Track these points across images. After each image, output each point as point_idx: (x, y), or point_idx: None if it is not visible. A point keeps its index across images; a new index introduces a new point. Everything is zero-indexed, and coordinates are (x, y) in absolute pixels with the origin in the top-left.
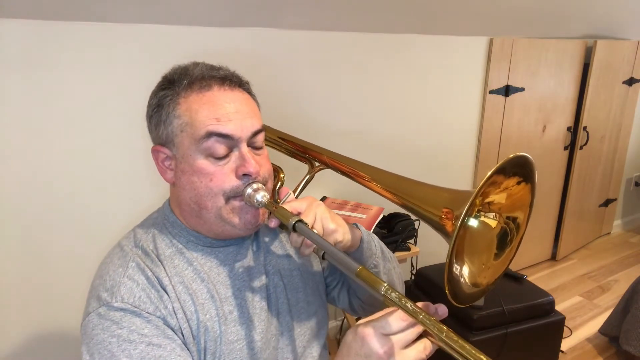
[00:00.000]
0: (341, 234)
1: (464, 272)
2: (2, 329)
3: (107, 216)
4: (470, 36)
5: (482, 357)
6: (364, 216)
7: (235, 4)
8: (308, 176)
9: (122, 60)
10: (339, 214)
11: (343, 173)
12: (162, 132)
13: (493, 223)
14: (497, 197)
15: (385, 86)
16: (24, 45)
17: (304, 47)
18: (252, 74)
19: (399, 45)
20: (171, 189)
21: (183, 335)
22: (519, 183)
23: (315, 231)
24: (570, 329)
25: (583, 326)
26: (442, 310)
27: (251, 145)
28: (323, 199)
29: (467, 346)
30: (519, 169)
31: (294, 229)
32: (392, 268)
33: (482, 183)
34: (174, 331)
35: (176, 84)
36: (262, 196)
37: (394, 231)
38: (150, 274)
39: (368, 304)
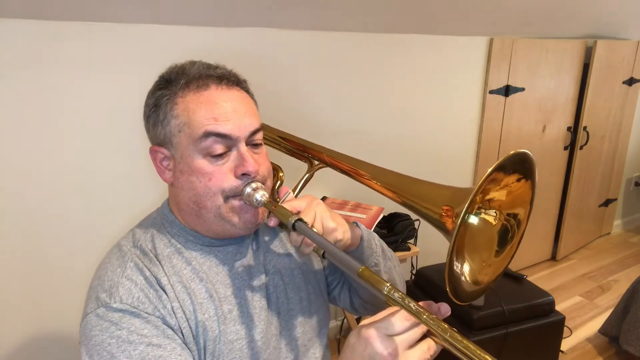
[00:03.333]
0: (341, 232)
1: (465, 269)
2: (1, 330)
3: (107, 216)
4: (470, 36)
5: (487, 357)
6: (364, 216)
7: (235, 4)
8: (307, 175)
9: (123, 60)
10: (339, 214)
11: (342, 171)
12: (160, 132)
13: (493, 220)
14: (498, 194)
15: (385, 86)
16: (24, 45)
17: (304, 47)
18: (252, 73)
19: (399, 45)
20: (170, 189)
21: (183, 335)
22: (519, 180)
23: (315, 230)
24: (570, 329)
25: (583, 326)
26: (445, 309)
27: (250, 143)
28: (323, 199)
29: (472, 346)
30: (519, 165)
31: (294, 227)
32: (392, 267)
33: (482, 180)
34: (173, 331)
35: (173, 84)
36: (261, 195)
37: (394, 231)
38: (148, 273)
39: (370, 303)
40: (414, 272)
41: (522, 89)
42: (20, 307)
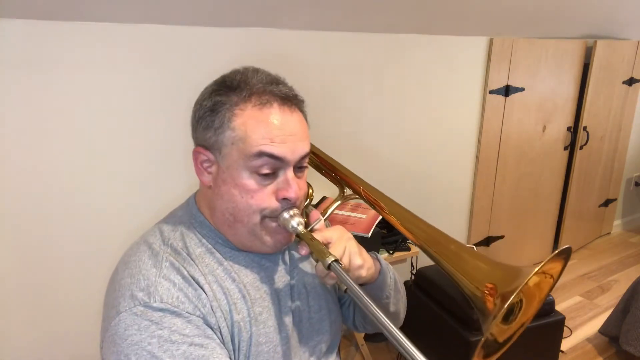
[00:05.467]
0: (366, 269)
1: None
2: (3, 330)
3: (107, 216)
4: (470, 36)
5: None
6: (364, 216)
7: (235, 4)
8: (338, 202)
9: (123, 60)
10: (338, 214)
11: (375, 208)
12: (210, 137)
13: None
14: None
15: (385, 86)
16: (24, 45)
17: (304, 47)
18: None
19: (399, 45)
20: (204, 190)
21: (221, 334)
22: (551, 277)
23: (344, 271)
24: (570, 329)
25: (583, 326)
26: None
27: (296, 165)
28: (323, 198)
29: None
30: (567, 257)
31: (329, 268)
32: (400, 298)
33: (540, 265)
34: (213, 330)
35: (235, 93)
36: (297, 223)
37: (394, 231)
38: (185, 273)
39: (369, 323)
40: (414, 272)
41: (522, 89)
42: (23, 309)
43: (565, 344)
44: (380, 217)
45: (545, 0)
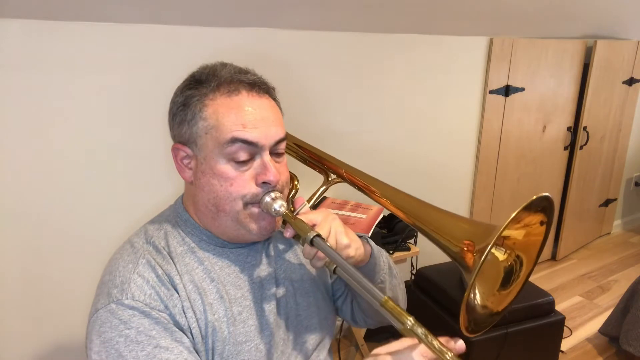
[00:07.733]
0: (354, 249)
1: (476, 295)
2: (5, 330)
3: (109, 215)
4: (470, 36)
5: None
6: (364, 216)
7: (235, 4)
8: (323, 187)
9: (123, 60)
10: (338, 214)
11: (359, 189)
12: (186, 132)
13: (502, 257)
14: (515, 233)
15: (385, 86)
16: (24, 45)
17: (304, 47)
18: None
19: (399, 45)
20: (187, 187)
21: (192, 335)
22: (541, 223)
23: (329, 244)
24: (570, 329)
25: (583, 326)
26: (460, 346)
27: (273, 152)
28: (323, 198)
29: None
30: (547, 204)
31: (311, 243)
32: (397, 284)
33: (508, 220)
34: (183, 331)
35: (204, 85)
36: (279, 205)
37: (394, 231)
38: (160, 271)
39: (371, 317)
40: (414, 272)
41: (522, 89)
42: (26, 309)
43: (565, 344)
44: (381, 216)
45: (545, 0)
